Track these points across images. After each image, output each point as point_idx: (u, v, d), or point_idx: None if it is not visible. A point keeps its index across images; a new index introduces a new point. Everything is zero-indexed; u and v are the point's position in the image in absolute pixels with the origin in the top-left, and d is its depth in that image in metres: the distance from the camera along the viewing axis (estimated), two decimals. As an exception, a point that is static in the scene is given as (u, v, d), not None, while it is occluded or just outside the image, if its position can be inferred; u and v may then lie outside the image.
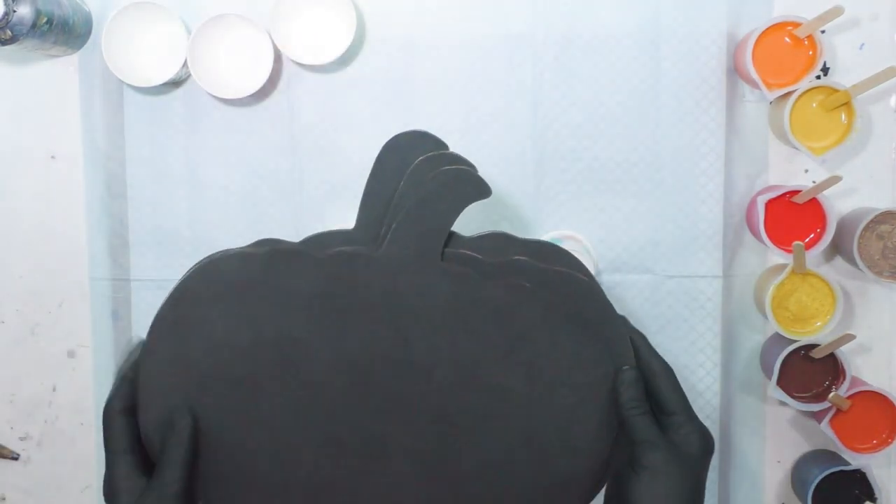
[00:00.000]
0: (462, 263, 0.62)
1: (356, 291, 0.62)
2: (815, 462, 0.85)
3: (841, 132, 0.79)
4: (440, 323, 0.62)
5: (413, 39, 0.85)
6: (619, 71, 0.85)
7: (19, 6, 0.75)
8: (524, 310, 0.62)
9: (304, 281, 0.61)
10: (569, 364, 0.62)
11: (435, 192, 0.63)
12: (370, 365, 0.61)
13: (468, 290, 0.62)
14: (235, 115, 0.87)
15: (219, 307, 0.61)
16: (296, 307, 0.61)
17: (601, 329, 0.63)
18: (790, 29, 0.79)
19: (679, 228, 0.85)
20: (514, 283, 0.62)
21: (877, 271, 0.79)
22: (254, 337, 0.61)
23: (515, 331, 0.62)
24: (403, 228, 0.62)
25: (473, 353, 0.62)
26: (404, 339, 0.61)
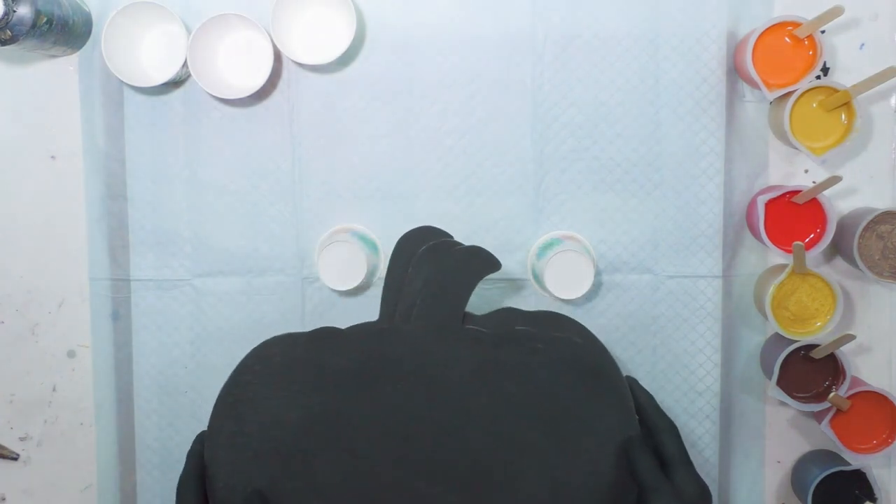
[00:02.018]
0: (477, 336, 0.70)
1: (388, 364, 0.69)
2: (815, 462, 0.85)
3: (841, 132, 0.79)
4: (466, 386, 0.68)
5: (413, 39, 0.85)
6: (619, 71, 0.85)
7: (19, 6, 0.75)
8: (541, 368, 0.68)
9: (342, 357, 0.69)
10: (587, 415, 0.67)
11: (452, 270, 0.71)
12: (407, 429, 0.67)
13: (488, 355, 0.69)
14: (235, 115, 0.87)
15: (268, 387, 0.69)
16: (335, 382, 0.68)
17: (612, 382, 0.69)
18: (790, 29, 0.79)
19: (679, 228, 0.85)
20: (529, 346, 0.69)
21: (877, 271, 0.79)
22: (301, 412, 0.68)
23: (535, 388, 0.68)
24: (427, 304, 0.70)
25: (498, 411, 0.67)
26: (435, 404, 0.68)
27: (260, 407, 0.68)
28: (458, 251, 0.72)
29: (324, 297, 0.87)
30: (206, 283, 0.88)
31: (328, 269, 0.82)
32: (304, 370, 0.69)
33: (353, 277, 0.81)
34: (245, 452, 0.68)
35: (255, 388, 0.69)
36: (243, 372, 0.70)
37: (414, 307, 0.70)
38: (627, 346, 0.86)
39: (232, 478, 0.67)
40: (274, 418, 0.68)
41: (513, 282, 0.86)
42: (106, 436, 0.89)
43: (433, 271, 0.71)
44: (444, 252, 0.72)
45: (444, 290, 0.71)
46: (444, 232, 0.74)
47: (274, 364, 0.70)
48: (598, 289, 0.86)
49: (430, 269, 0.71)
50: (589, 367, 0.69)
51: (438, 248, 0.73)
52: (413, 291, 0.71)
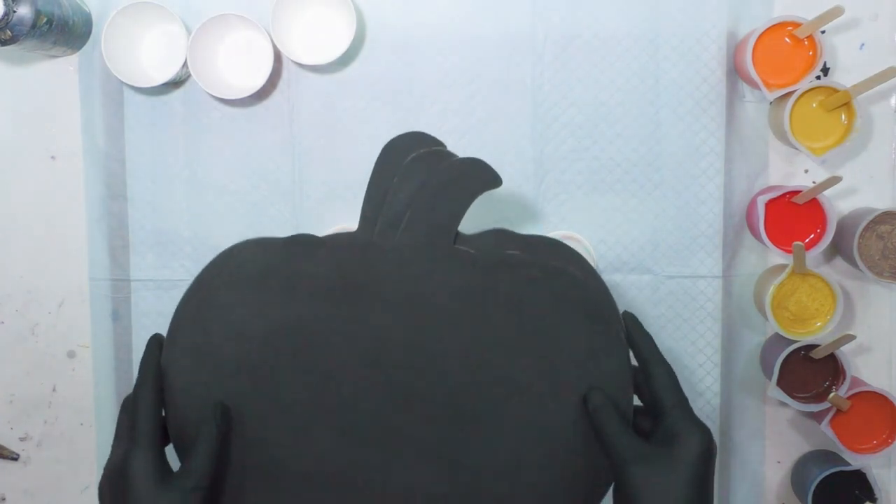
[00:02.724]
0: (468, 257, 0.62)
1: (369, 280, 0.62)
2: (815, 462, 0.85)
3: (841, 132, 0.79)
4: (451, 312, 0.61)
5: (413, 39, 0.85)
6: (619, 71, 0.85)
7: (19, 6, 0.75)
8: (536, 300, 0.61)
9: (320, 268, 0.62)
10: (581, 357, 0.61)
11: (447, 183, 0.63)
12: (384, 353, 0.61)
13: (479, 280, 0.62)
14: (235, 115, 0.87)
15: (237, 294, 0.62)
16: (311, 295, 0.61)
17: (610, 326, 0.62)
18: (790, 29, 0.79)
19: (679, 228, 0.85)
20: (525, 273, 0.62)
21: (877, 272, 0.79)
22: (271, 324, 0.61)
23: (526, 321, 0.61)
24: (416, 219, 0.63)
25: (485, 343, 0.61)
26: (416, 328, 0.61)
27: (226, 314, 0.61)
28: (455, 161, 0.64)
29: (324, 297, 0.87)
30: (206, 283, 0.88)
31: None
32: (277, 278, 0.62)
33: None
34: (207, 361, 0.61)
35: (221, 293, 0.62)
36: (210, 274, 0.63)
37: (400, 220, 0.63)
38: (627, 346, 0.86)
39: (192, 386, 0.61)
40: (240, 327, 0.61)
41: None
42: (106, 436, 0.89)
43: (425, 181, 0.63)
44: (438, 161, 0.64)
45: (436, 203, 0.62)
46: (437, 140, 0.67)
47: (245, 269, 0.63)
48: (598, 289, 0.86)
49: (422, 178, 0.63)
50: (589, 306, 0.62)
51: (431, 156, 0.64)
52: (399, 202, 0.63)
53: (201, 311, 0.62)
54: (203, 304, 0.62)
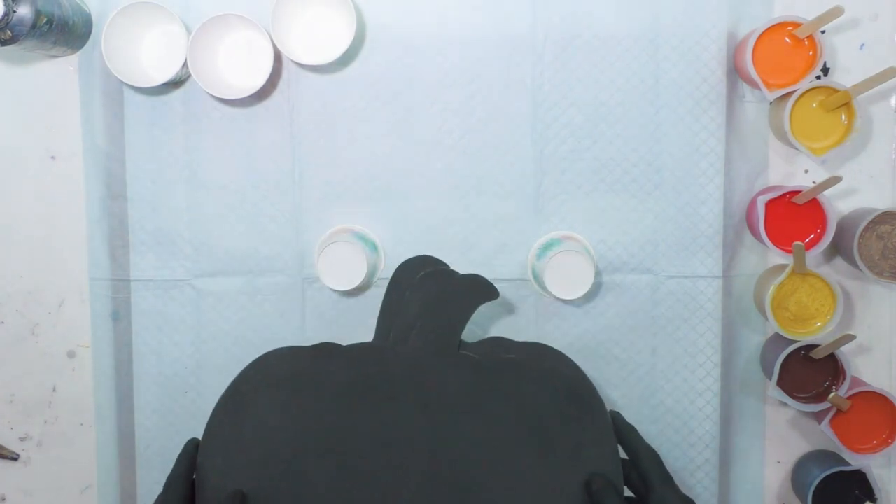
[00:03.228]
0: (472, 360, 0.72)
1: (386, 381, 0.71)
2: (815, 462, 0.85)
3: (841, 132, 0.79)
4: (460, 406, 0.70)
5: (413, 39, 0.85)
6: (619, 71, 0.85)
7: (19, 6, 0.75)
8: (533, 394, 0.71)
9: (343, 372, 0.71)
10: (575, 447, 0.69)
11: (452, 296, 0.74)
12: (399, 443, 0.69)
13: (483, 378, 0.71)
14: (235, 115, 0.87)
15: (268, 396, 0.71)
16: (335, 395, 0.71)
17: (596, 414, 0.71)
18: (790, 29, 0.79)
19: (679, 228, 0.85)
20: (521, 373, 0.71)
21: (877, 272, 0.79)
22: (299, 422, 0.70)
23: (526, 417, 0.70)
24: (425, 326, 0.73)
25: (489, 436, 0.70)
26: (429, 422, 0.70)
27: (259, 415, 0.70)
28: (458, 278, 0.75)
29: (324, 297, 0.87)
30: (206, 283, 0.88)
31: (328, 269, 0.82)
32: (306, 382, 0.71)
33: (353, 277, 0.81)
34: (240, 458, 0.69)
35: (254, 396, 0.71)
36: (244, 381, 0.72)
37: (411, 329, 0.73)
38: (627, 346, 0.86)
39: (223, 481, 0.69)
40: (272, 426, 0.70)
41: (513, 282, 0.86)
42: (106, 436, 0.89)
43: (432, 295, 0.74)
44: (443, 278, 0.75)
45: (443, 314, 0.73)
46: (440, 261, 0.77)
47: (275, 374, 0.72)
48: (598, 289, 0.86)
49: (430, 293, 0.74)
50: (578, 398, 0.71)
51: (437, 274, 0.75)
52: (410, 314, 0.73)
53: (237, 412, 0.70)
54: (238, 407, 0.70)
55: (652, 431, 0.86)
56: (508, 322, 0.86)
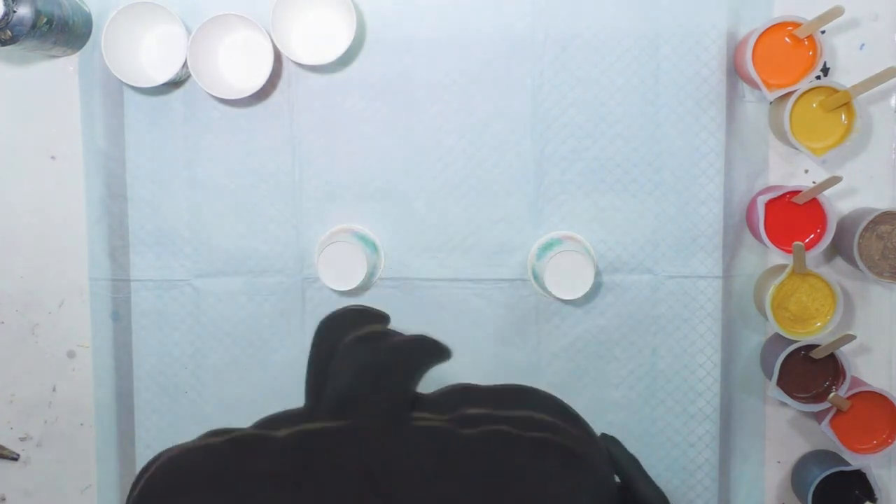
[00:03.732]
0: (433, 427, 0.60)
1: (329, 465, 0.58)
2: (815, 462, 0.85)
3: (841, 132, 0.79)
4: (425, 478, 0.59)
5: (413, 39, 0.85)
6: (619, 71, 0.85)
7: (19, 6, 0.75)
8: (509, 457, 0.60)
9: (270, 463, 0.56)
10: (558, 493, 0.60)
11: (390, 365, 0.61)
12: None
13: (448, 443, 0.60)
14: (235, 115, 0.87)
15: (186, 502, 0.57)
16: (266, 490, 0.57)
17: (583, 456, 0.62)
18: (790, 29, 0.79)
19: (679, 228, 0.85)
20: (494, 430, 0.60)
21: (877, 272, 0.79)
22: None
23: (503, 471, 0.60)
24: (367, 401, 0.61)
25: (469, 497, 0.59)
26: (395, 494, 0.58)
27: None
28: (398, 342, 0.61)
29: (324, 297, 0.87)
30: (206, 283, 0.88)
31: (328, 269, 0.82)
32: (226, 480, 0.55)
33: (353, 277, 0.81)
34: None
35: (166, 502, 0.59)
36: (151, 488, 0.56)
37: (345, 403, 0.58)
38: (627, 346, 0.86)
39: None
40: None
41: (513, 282, 0.86)
42: (106, 436, 0.89)
43: (367, 365, 0.60)
44: (378, 343, 0.61)
45: (383, 386, 0.59)
46: (377, 313, 0.62)
47: (188, 477, 0.56)
48: (598, 289, 0.86)
49: (363, 362, 0.60)
50: (563, 450, 0.62)
51: (371, 338, 0.62)
52: (342, 386, 0.60)
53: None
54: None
55: (652, 431, 0.86)
56: (508, 322, 0.86)
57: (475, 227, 0.86)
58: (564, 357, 0.87)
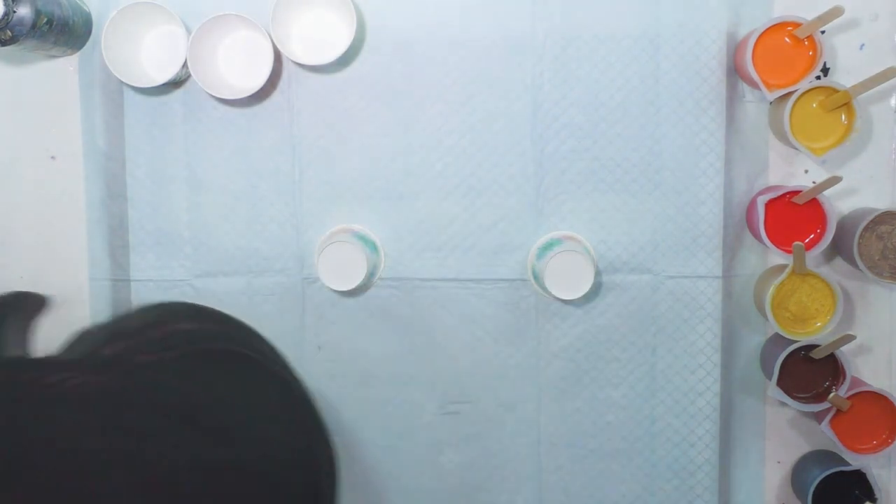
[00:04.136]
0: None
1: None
2: (815, 462, 0.85)
3: (841, 132, 0.79)
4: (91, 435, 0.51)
5: (413, 39, 0.85)
6: (619, 71, 0.85)
7: (19, 6, 0.75)
8: (199, 369, 0.55)
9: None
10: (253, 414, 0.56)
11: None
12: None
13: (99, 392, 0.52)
14: (235, 115, 0.87)
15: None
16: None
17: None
18: (790, 29, 0.79)
19: (679, 228, 0.85)
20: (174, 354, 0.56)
21: (877, 272, 0.79)
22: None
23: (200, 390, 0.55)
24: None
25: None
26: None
27: None
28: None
29: (324, 297, 0.87)
30: (206, 283, 0.88)
31: (328, 269, 0.82)
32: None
33: (353, 277, 0.81)
34: None
35: None
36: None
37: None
38: (627, 346, 0.86)
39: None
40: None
41: (513, 282, 0.86)
42: (106, 436, 0.89)
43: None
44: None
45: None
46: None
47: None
48: (598, 289, 0.86)
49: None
50: (240, 356, 0.57)
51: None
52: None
53: None
54: None
55: (652, 431, 0.86)
56: (508, 322, 0.86)
57: (475, 227, 0.86)
58: (564, 357, 0.87)
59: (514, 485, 0.88)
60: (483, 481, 0.89)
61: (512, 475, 0.88)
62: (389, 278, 0.87)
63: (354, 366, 0.88)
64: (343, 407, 0.88)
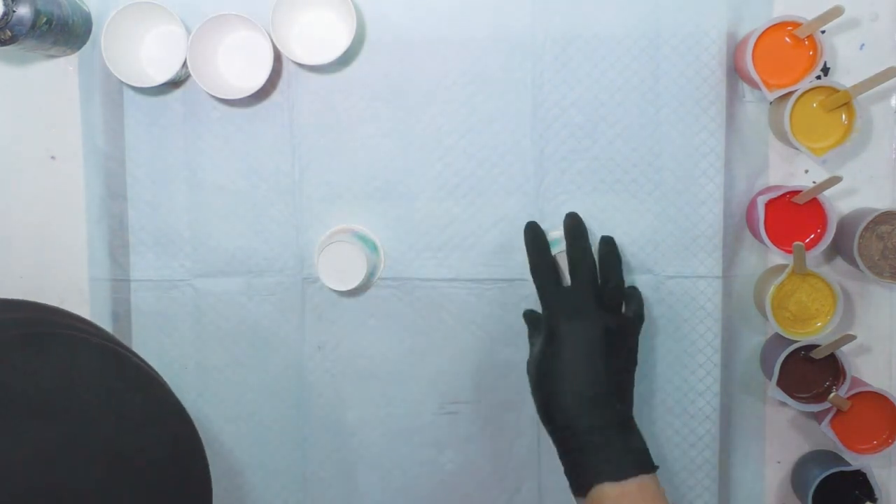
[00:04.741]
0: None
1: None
2: (815, 462, 0.85)
3: (841, 132, 0.79)
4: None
5: (413, 39, 0.85)
6: (619, 71, 0.84)
7: (19, 6, 0.75)
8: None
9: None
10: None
11: None
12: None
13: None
14: (235, 115, 0.87)
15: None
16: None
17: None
18: (790, 29, 0.79)
19: (679, 228, 0.85)
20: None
21: (877, 272, 0.79)
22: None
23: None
24: None
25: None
26: None
27: None
28: None
29: (323, 297, 0.87)
30: (206, 283, 0.88)
31: (328, 269, 0.82)
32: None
33: (353, 277, 0.81)
34: None
35: None
36: None
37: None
38: (627, 346, 0.86)
39: None
40: None
41: (512, 282, 0.86)
42: (106, 436, 0.89)
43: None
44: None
45: None
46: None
47: None
48: (598, 289, 0.86)
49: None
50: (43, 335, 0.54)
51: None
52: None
53: None
54: None
55: (652, 431, 0.86)
56: (508, 322, 0.86)
57: (475, 227, 0.86)
58: (564, 357, 0.87)
59: (514, 485, 0.88)
60: (483, 481, 0.89)
61: (512, 475, 0.88)
62: (389, 278, 0.87)
63: (354, 366, 0.88)
64: (343, 407, 0.88)
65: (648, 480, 0.71)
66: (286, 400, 0.88)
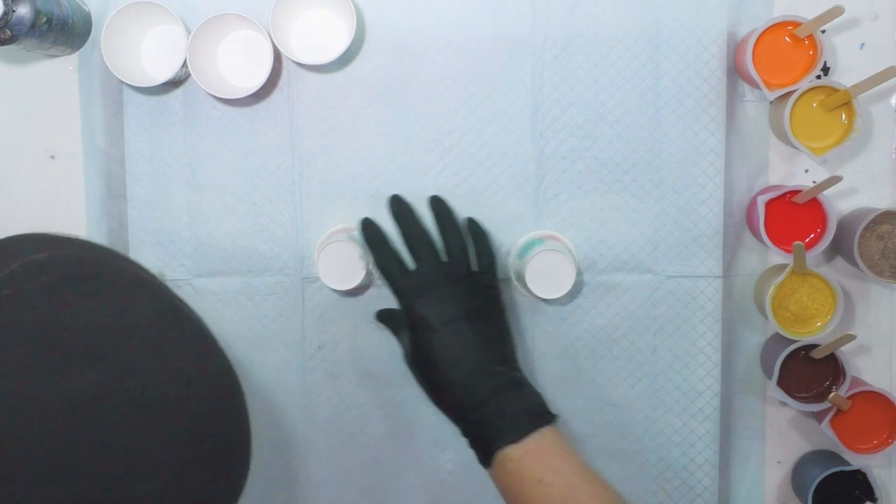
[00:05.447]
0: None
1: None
2: (815, 462, 0.85)
3: (841, 132, 0.79)
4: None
5: (413, 39, 0.85)
6: (619, 71, 0.84)
7: (19, 6, 0.75)
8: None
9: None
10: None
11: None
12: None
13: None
14: (235, 115, 0.87)
15: None
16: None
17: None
18: (790, 29, 0.79)
19: (679, 228, 0.85)
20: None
21: (877, 271, 0.79)
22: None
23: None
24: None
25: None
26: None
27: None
28: None
29: (323, 297, 0.87)
30: (206, 283, 0.88)
31: (328, 269, 0.82)
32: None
33: (353, 277, 0.81)
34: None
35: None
36: None
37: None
38: (627, 346, 0.86)
39: None
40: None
41: (512, 282, 0.86)
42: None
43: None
44: None
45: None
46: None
47: None
48: (598, 289, 0.86)
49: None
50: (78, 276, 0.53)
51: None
52: None
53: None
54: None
55: (652, 431, 0.86)
56: (508, 322, 0.86)
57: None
58: (564, 357, 0.87)
59: (514, 485, 0.88)
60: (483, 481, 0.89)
61: (512, 475, 0.88)
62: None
63: (354, 366, 0.88)
64: (343, 407, 0.88)
65: (547, 431, 0.71)
66: (286, 400, 0.88)
